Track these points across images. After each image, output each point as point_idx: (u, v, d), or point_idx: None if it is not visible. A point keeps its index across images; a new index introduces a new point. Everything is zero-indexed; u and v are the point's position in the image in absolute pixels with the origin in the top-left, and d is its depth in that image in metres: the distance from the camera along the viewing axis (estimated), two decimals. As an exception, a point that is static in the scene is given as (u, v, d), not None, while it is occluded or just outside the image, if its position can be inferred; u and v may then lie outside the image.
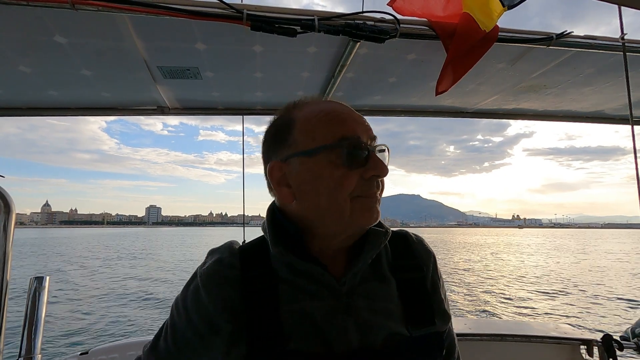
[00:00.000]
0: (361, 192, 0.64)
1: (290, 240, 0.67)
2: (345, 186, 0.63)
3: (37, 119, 17.69)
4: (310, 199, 0.66)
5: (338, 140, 0.64)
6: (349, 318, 0.64)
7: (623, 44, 1.37)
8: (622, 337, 1.76)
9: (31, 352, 1.01)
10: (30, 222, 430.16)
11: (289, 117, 0.70)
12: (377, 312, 0.67)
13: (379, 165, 0.64)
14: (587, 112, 2.18)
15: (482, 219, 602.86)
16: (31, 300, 1.04)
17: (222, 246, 0.74)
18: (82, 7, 1.01)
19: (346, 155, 0.63)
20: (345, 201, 0.63)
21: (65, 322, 9.64)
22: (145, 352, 0.76)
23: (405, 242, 0.79)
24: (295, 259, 0.66)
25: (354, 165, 0.64)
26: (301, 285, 0.66)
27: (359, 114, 0.71)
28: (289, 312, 0.64)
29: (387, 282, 0.71)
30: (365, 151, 0.65)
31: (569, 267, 24.52)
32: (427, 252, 0.79)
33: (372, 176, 0.64)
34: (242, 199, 2.55)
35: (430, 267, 0.77)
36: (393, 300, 0.69)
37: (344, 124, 0.66)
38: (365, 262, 0.69)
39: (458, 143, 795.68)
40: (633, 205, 1.35)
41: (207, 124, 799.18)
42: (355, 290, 0.67)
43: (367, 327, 0.64)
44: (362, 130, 0.67)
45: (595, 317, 10.99)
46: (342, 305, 0.65)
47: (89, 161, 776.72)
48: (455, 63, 1.35)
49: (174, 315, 0.71)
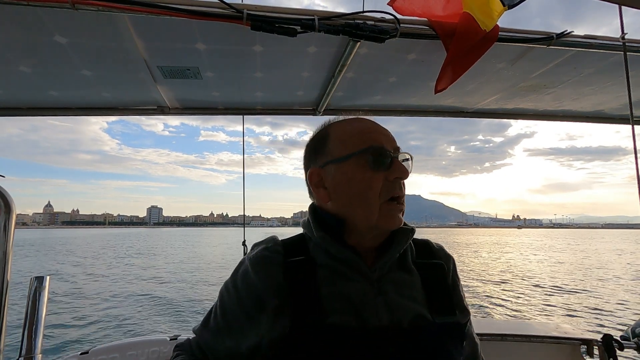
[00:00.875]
0: (387, 193, 0.74)
1: (330, 230, 0.77)
2: (373, 186, 0.74)
3: (39, 119, 17.69)
4: (343, 198, 0.77)
5: (366, 148, 0.75)
6: (379, 298, 0.73)
7: (623, 43, 1.37)
8: (623, 336, 1.76)
9: (31, 351, 1.01)
10: (32, 222, 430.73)
11: (325, 131, 0.83)
12: (404, 296, 0.75)
13: (401, 169, 0.76)
14: (587, 112, 2.18)
15: (482, 219, 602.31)
16: (31, 300, 1.04)
17: (266, 238, 0.83)
18: (82, 7, 1.01)
19: (372, 160, 0.75)
20: (375, 203, 0.74)
21: (65, 321, 9.65)
22: (196, 331, 0.84)
23: (427, 246, 0.88)
24: (335, 244, 0.75)
25: (378, 168, 0.75)
26: (338, 270, 0.75)
27: (385, 129, 0.82)
28: (327, 292, 0.72)
29: (412, 274, 0.80)
30: (388, 157, 0.76)
31: (532, 263, 25.85)
32: (447, 257, 0.88)
33: (395, 178, 0.75)
34: (243, 200, 2.55)
35: (451, 268, 0.86)
36: (418, 289, 0.78)
37: (370, 135, 0.78)
38: (393, 255, 0.78)
39: (459, 143, 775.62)
40: (634, 205, 1.35)
41: (208, 125, 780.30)
42: (385, 278, 0.76)
43: (395, 307, 0.73)
44: (387, 141, 0.78)
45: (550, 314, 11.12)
46: (373, 288, 0.74)
47: (90, 162, 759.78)
48: (455, 62, 1.35)
49: (223, 297, 0.80)
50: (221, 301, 0.80)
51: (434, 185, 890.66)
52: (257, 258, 0.77)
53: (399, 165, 0.76)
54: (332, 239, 0.76)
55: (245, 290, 0.76)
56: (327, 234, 0.76)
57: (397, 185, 0.75)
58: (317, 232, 0.77)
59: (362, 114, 0.84)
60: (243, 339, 0.74)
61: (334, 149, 0.79)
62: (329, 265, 0.75)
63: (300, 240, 0.82)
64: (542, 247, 47.37)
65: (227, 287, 0.80)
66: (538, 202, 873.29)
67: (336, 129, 0.82)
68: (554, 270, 21.67)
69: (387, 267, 0.77)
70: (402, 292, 0.75)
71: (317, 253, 0.77)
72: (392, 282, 0.76)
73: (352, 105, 2.05)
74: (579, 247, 47.28)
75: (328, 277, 0.74)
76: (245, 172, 2.61)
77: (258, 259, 0.77)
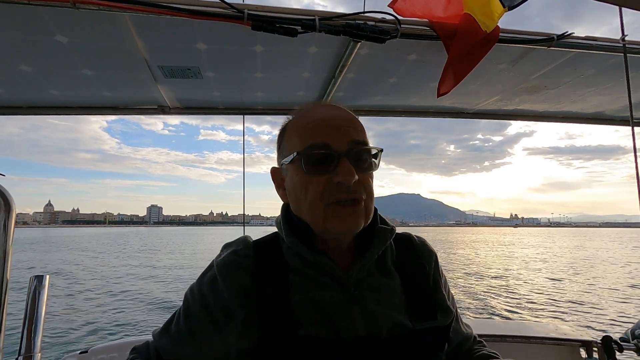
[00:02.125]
0: (331, 196, 0.67)
1: (301, 234, 0.72)
2: (311, 190, 0.68)
3: (39, 119, 17.67)
4: (294, 201, 0.73)
5: (305, 148, 0.68)
6: (355, 307, 0.68)
7: (624, 45, 1.37)
8: (622, 338, 1.76)
9: (31, 350, 1.01)
10: (33, 221, 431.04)
11: (284, 126, 0.78)
12: (382, 303, 0.70)
13: (343, 172, 0.66)
14: (587, 113, 2.18)
15: (481, 218, 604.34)
16: (31, 299, 1.04)
17: (236, 240, 0.78)
18: (83, 7, 1.01)
19: (306, 161, 0.68)
20: (318, 207, 0.68)
21: (65, 320, 9.65)
22: (155, 335, 0.79)
23: (409, 242, 0.83)
24: (307, 249, 0.70)
25: (317, 171, 0.67)
26: (311, 276, 0.70)
27: (349, 115, 0.74)
28: (299, 300, 0.67)
29: (392, 277, 0.75)
30: (332, 158, 0.67)
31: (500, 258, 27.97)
32: (429, 252, 0.83)
33: (338, 182, 0.67)
34: (243, 199, 2.55)
35: (432, 266, 0.81)
36: (397, 294, 0.73)
37: (315, 131, 0.70)
38: (371, 258, 0.73)
39: (458, 142, 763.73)
40: (633, 204, 1.35)
41: (208, 124, 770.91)
42: (362, 283, 0.71)
43: (372, 317, 0.67)
44: (336, 137, 0.69)
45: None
46: (349, 295, 0.68)
47: (90, 161, 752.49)
48: (457, 64, 1.35)
49: (188, 302, 0.75)
50: (185, 306, 0.75)
51: (434, 184, 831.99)
52: (225, 263, 0.72)
53: (342, 168, 0.66)
54: (301, 244, 0.70)
55: (212, 297, 0.70)
56: (297, 238, 0.71)
57: (342, 188, 0.67)
58: (287, 236, 0.72)
59: (362, 114, 0.80)
60: (208, 347, 0.70)
61: (286, 147, 0.74)
62: (301, 271, 0.70)
63: (274, 240, 0.77)
64: (517, 242, 49.35)
65: (193, 292, 0.75)
66: (538, 201, 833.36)
67: (291, 122, 0.77)
68: (507, 263, 23.71)
69: (364, 270, 0.72)
70: (381, 298, 0.70)
71: (290, 256, 0.73)
72: (369, 288, 0.71)
73: (353, 106, 2.05)
74: (556, 244, 48.98)
75: (300, 283, 0.69)
76: (245, 171, 2.60)
77: (226, 264, 0.72)
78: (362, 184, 0.69)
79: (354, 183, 0.67)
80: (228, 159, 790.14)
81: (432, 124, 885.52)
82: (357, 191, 0.68)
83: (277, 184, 0.78)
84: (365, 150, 0.70)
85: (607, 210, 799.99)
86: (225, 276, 0.70)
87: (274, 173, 0.79)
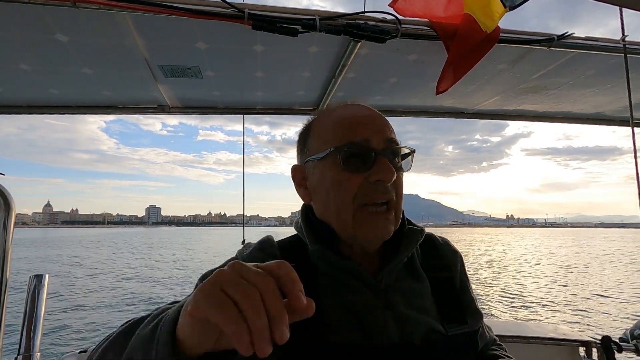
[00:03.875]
0: (365, 197, 0.64)
1: (325, 240, 0.69)
2: (347, 188, 0.64)
3: (36, 118, 17.62)
4: (321, 199, 0.70)
5: (344, 144, 0.65)
6: (388, 312, 0.65)
7: (624, 45, 1.37)
8: (621, 338, 1.76)
9: (30, 349, 1.01)
10: (32, 222, 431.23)
11: (309, 125, 0.76)
12: (415, 308, 0.67)
13: (383, 169, 0.63)
14: (587, 113, 2.18)
15: (477, 219, 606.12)
16: (30, 298, 1.04)
17: (261, 239, 0.74)
18: (84, 5, 1.01)
19: (346, 157, 0.65)
20: (349, 207, 0.64)
21: (65, 320, 9.64)
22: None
23: (432, 243, 0.80)
24: (333, 255, 0.67)
25: (355, 168, 0.65)
26: (341, 279, 0.67)
27: (380, 115, 0.72)
28: (329, 305, 0.64)
29: (421, 280, 0.72)
30: (370, 155, 0.65)
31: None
32: (454, 253, 0.81)
33: (376, 181, 0.64)
34: (242, 199, 2.55)
35: (458, 267, 0.79)
36: (428, 298, 0.70)
37: (351, 127, 0.67)
38: (401, 261, 0.70)
39: (457, 143, 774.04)
40: (630, 204, 1.35)
41: (207, 124, 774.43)
42: (392, 287, 0.68)
43: (406, 322, 0.65)
44: (373, 133, 0.66)
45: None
46: (381, 300, 0.66)
47: (87, 161, 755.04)
48: (456, 63, 1.35)
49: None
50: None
51: (432, 184, 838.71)
52: (252, 258, 0.68)
53: (382, 165, 0.64)
54: (326, 249, 0.67)
55: None
56: (322, 245, 0.68)
57: (378, 188, 0.64)
58: (313, 245, 0.69)
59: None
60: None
61: (314, 144, 0.71)
62: (331, 274, 0.67)
63: (298, 242, 0.74)
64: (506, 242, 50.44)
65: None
66: (536, 202, 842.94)
67: (319, 120, 0.75)
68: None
69: (394, 274, 0.69)
70: (412, 303, 0.67)
71: (317, 259, 0.70)
72: (400, 292, 0.68)
73: (353, 106, 2.05)
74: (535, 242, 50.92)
75: (330, 287, 0.66)
76: (244, 171, 2.61)
77: (254, 259, 0.67)
78: (395, 186, 0.67)
79: (389, 184, 0.65)
80: (226, 159, 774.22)
81: (430, 124, 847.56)
82: (391, 192, 0.66)
83: (297, 182, 0.75)
84: (400, 150, 0.69)
85: (604, 211, 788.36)
86: None
87: (294, 171, 0.76)
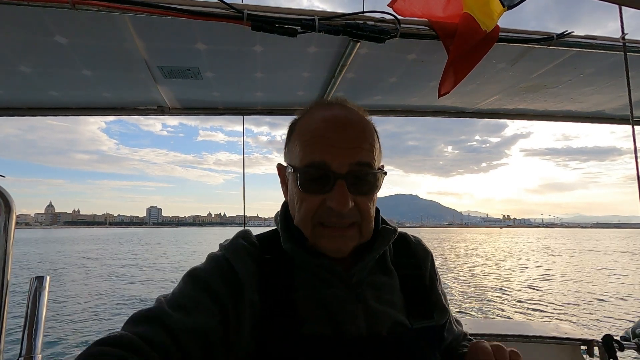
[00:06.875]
0: (321, 218, 0.66)
1: (297, 240, 0.71)
2: (306, 207, 0.67)
3: (36, 120, 17.62)
4: (291, 205, 0.72)
5: (304, 165, 0.66)
6: (358, 306, 0.68)
7: (624, 44, 1.37)
8: (623, 337, 1.76)
9: (31, 351, 1.01)
10: (35, 222, 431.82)
11: (292, 126, 0.75)
12: (383, 302, 0.71)
13: (337, 198, 0.63)
14: (587, 112, 2.18)
15: (474, 219, 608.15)
16: (31, 300, 1.04)
17: (239, 232, 0.76)
18: (83, 7, 1.01)
19: (302, 180, 0.66)
20: (308, 223, 0.67)
21: (66, 321, 9.64)
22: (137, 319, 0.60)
23: (405, 242, 0.83)
24: (305, 254, 0.69)
25: (313, 191, 0.66)
26: (316, 273, 0.69)
27: (357, 127, 0.68)
28: (304, 297, 0.67)
29: (391, 275, 0.76)
30: (329, 178, 0.64)
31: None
32: (425, 252, 0.84)
33: (329, 207, 0.65)
34: (243, 199, 2.55)
35: (428, 265, 0.82)
36: (396, 293, 0.74)
37: (315, 147, 0.66)
38: (373, 258, 0.73)
39: (456, 144, 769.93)
40: (629, 205, 1.35)
41: (207, 125, 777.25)
42: (364, 282, 0.71)
43: (374, 315, 0.68)
44: (336, 157, 0.64)
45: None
46: (353, 294, 0.69)
47: (88, 162, 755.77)
48: (457, 64, 1.35)
49: (186, 283, 0.66)
50: (184, 286, 0.65)
51: (431, 185, 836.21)
52: (235, 248, 0.70)
53: (338, 193, 0.63)
54: (298, 248, 0.69)
55: (220, 279, 0.65)
56: (294, 244, 0.70)
57: (333, 213, 0.64)
58: (285, 243, 0.71)
59: None
60: (209, 321, 0.60)
61: (290, 152, 0.72)
62: (305, 268, 0.69)
63: (275, 235, 0.75)
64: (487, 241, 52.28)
65: (196, 273, 0.67)
66: (534, 202, 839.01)
67: (300, 124, 0.73)
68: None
69: (366, 270, 0.72)
70: (381, 297, 0.71)
71: (292, 253, 0.71)
72: (371, 286, 0.71)
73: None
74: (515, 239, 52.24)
75: (305, 279, 0.68)
76: (244, 171, 2.61)
77: (237, 248, 0.70)
78: (359, 209, 0.66)
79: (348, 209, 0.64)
80: (226, 159, 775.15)
81: (429, 125, 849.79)
82: (351, 216, 0.66)
83: (281, 179, 0.78)
84: (368, 173, 0.67)
85: (603, 211, 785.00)
86: (236, 258, 0.68)
87: (279, 169, 0.78)
